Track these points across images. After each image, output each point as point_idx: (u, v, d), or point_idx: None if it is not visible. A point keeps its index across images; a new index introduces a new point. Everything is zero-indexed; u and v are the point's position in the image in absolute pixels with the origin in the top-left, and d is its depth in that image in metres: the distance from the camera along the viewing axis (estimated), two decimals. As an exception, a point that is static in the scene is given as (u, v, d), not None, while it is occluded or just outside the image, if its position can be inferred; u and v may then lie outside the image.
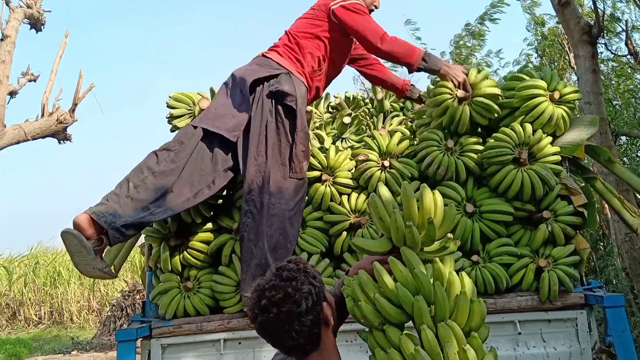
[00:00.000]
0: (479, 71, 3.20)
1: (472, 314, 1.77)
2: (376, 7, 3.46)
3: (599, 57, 7.20)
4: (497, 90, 3.12)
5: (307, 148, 3.11)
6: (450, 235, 1.95)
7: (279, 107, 3.04)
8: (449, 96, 3.14)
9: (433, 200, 1.88)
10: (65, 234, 2.60)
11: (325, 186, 3.13)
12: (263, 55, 3.25)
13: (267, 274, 1.75)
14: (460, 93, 3.09)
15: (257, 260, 2.90)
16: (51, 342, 12.26)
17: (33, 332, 13.89)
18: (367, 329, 1.88)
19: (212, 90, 3.62)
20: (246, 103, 3.05)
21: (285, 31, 3.33)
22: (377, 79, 3.74)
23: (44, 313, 15.03)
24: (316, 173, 3.18)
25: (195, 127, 3.00)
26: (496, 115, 3.13)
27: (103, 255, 2.75)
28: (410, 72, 3.20)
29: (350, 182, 3.14)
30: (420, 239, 1.84)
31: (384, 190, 1.96)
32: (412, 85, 3.71)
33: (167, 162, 2.88)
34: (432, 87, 3.29)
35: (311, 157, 3.18)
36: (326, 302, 1.75)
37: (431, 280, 1.80)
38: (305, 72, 3.20)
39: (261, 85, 3.08)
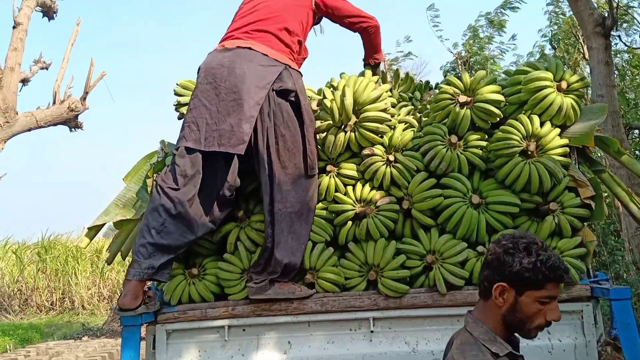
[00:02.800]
0: (485, 75, 3.18)
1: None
2: None
3: (612, 49, 7.12)
4: (499, 97, 3.09)
5: (316, 142, 3.11)
6: None
7: (281, 105, 3.00)
8: (450, 101, 3.13)
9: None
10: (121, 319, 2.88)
11: (330, 177, 3.13)
12: (250, 49, 3.05)
13: (514, 240, 1.78)
14: (461, 98, 3.09)
15: (272, 268, 2.92)
16: (63, 327, 12.40)
17: (45, 318, 14.05)
18: None
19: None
20: (254, 109, 2.94)
21: (262, 20, 3.18)
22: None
23: (56, 299, 15.20)
24: (321, 163, 3.18)
25: (192, 151, 2.92)
26: (498, 119, 3.11)
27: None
28: (375, 57, 3.62)
29: (355, 174, 3.14)
30: None
31: None
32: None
33: (180, 203, 2.87)
34: (436, 91, 3.30)
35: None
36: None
37: None
38: (296, 58, 3.21)
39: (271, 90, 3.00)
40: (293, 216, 2.96)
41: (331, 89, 3.34)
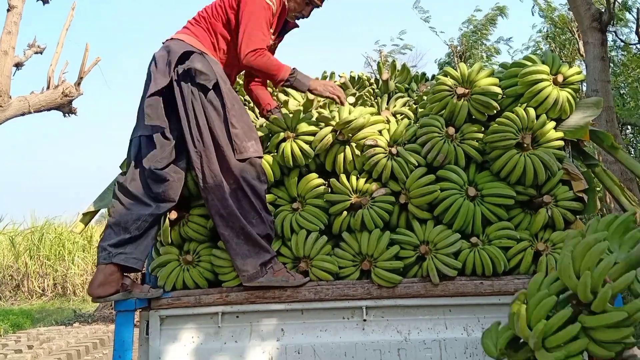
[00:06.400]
0: (482, 67, 3.18)
1: None
2: (304, 16, 3.49)
3: (608, 45, 7.14)
4: (497, 89, 3.09)
5: (247, 126, 3.10)
6: None
7: (196, 87, 3.03)
8: (447, 92, 3.14)
9: None
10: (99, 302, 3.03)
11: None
12: (172, 39, 3.22)
13: None
14: (459, 89, 3.09)
15: (235, 241, 2.95)
16: (54, 314, 12.39)
17: (36, 304, 14.04)
18: None
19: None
20: (162, 80, 3.04)
21: (198, 13, 3.33)
22: (251, 93, 3.78)
23: (48, 285, 15.18)
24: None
25: (132, 140, 3.13)
26: (495, 112, 3.11)
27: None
28: (275, 86, 3.30)
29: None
30: None
31: None
32: (274, 109, 3.65)
33: (119, 181, 3.05)
34: (433, 82, 3.30)
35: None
36: None
37: None
38: (220, 57, 3.23)
39: (175, 70, 3.06)
40: (239, 192, 2.99)
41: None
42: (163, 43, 3.24)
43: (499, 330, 1.95)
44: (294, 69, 3.17)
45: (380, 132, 3.16)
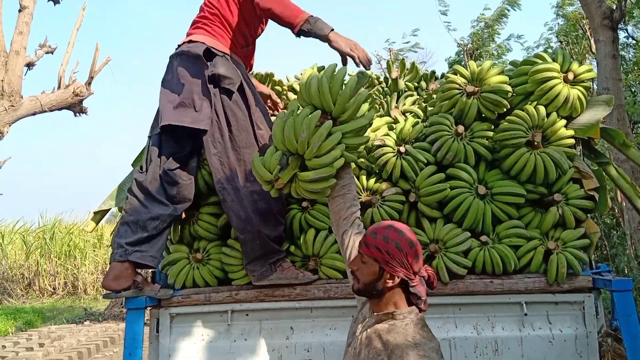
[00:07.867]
0: (493, 65, 3.17)
1: None
2: None
3: (619, 43, 7.09)
4: (507, 87, 3.08)
5: (270, 127, 3.11)
6: None
7: (220, 91, 3.03)
8: (457, 91, 3.13)
9: None
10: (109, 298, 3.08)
11: None
12: (191, 41, 3.14)
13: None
14: (469, 87, 3.08)
15: (250, 245, 2.94)
16: (65, 312, 12.48)
17: (47, 302, 14.15)
18: None
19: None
20: (202, 92, 3.01)
21: (206, 9, 3.23)
22: None
23: (59, 284, 15.29)
24: None
25: (153, 137, 3.08)
26: (504, 110, 3.10)
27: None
28: (295, 35, 2.93)
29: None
30: None
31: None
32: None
33: (138, 179, 3.01)
34: (443, 81, 3.29)
35: None
36: None
37: None
38: (238, 51, 3.21)
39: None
40: (255, 195, 2.97)
41: None
42: (180, 45, 3.19)
43: (264, 156, 2.36)
44: (312, 15, 2.90)
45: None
